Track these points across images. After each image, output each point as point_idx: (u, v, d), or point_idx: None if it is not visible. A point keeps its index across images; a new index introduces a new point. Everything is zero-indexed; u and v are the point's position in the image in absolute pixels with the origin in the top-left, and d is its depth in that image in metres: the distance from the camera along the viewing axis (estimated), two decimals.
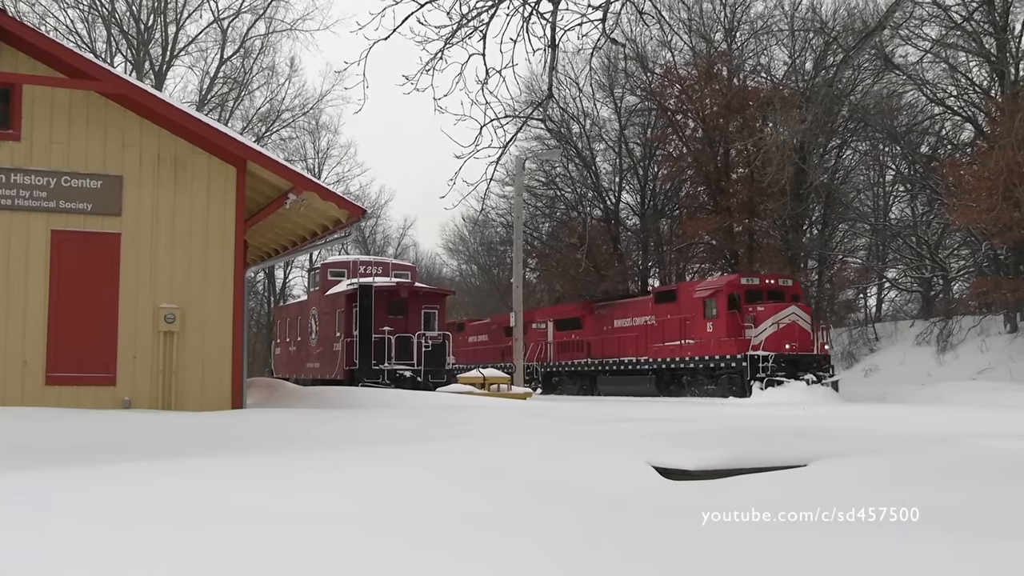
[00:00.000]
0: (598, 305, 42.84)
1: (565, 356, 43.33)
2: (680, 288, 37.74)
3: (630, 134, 54.30)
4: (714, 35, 49.61)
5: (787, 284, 35.17)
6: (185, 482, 6.79)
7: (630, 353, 38.71)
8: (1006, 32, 37.92)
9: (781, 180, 33.14)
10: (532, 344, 44.23)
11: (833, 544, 5.28)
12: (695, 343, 34.93)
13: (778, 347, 32.06)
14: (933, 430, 12.42)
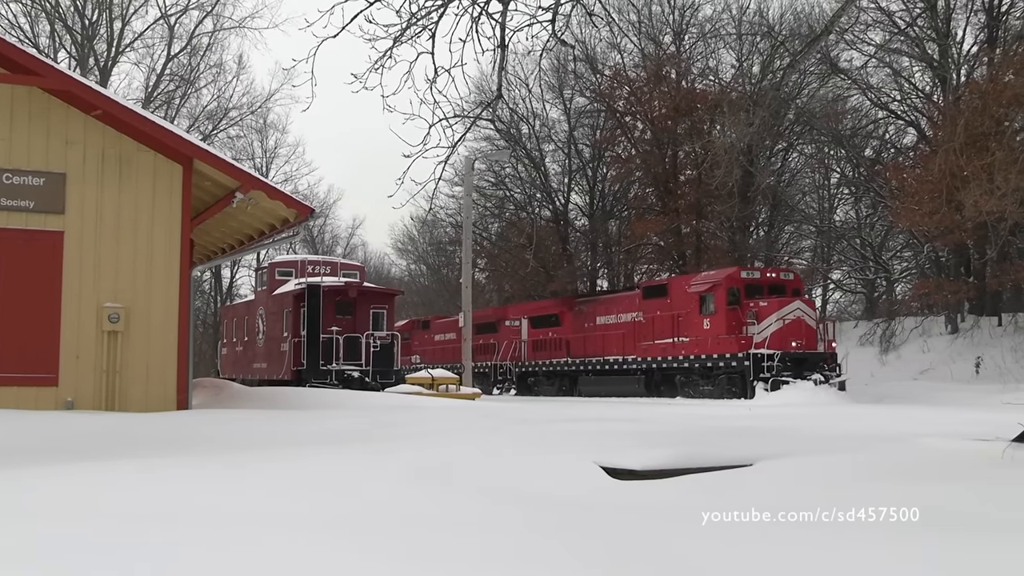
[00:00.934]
0: (579, 301, 40.68)
1: (542, 355, 41.18)
2: (672, 283, 35.53)
3: (579, 135, 54.53)
4: (663, 38, 49.97)
5: (788, 278, 33.23)
6: (132, 483, 6.70)
7: (615, 352, 36.52)
8: (948, 38, 38.55)
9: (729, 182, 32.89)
10: (505, 343, 43.10)
11: (781, 542, 5.33)
12: (690, 341, 32.75)
13: (783, 345, 29.95)
14: (883, 430, 12.59)
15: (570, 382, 39.29)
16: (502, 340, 43.42)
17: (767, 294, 31.59)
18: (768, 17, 47.46)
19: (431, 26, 10.02)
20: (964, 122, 19.57)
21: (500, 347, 43.37)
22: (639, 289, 36.99)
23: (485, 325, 44.49)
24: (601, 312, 37.98)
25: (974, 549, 5.07)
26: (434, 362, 45.34)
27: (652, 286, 36.27)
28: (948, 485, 7.16)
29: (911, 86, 41.70)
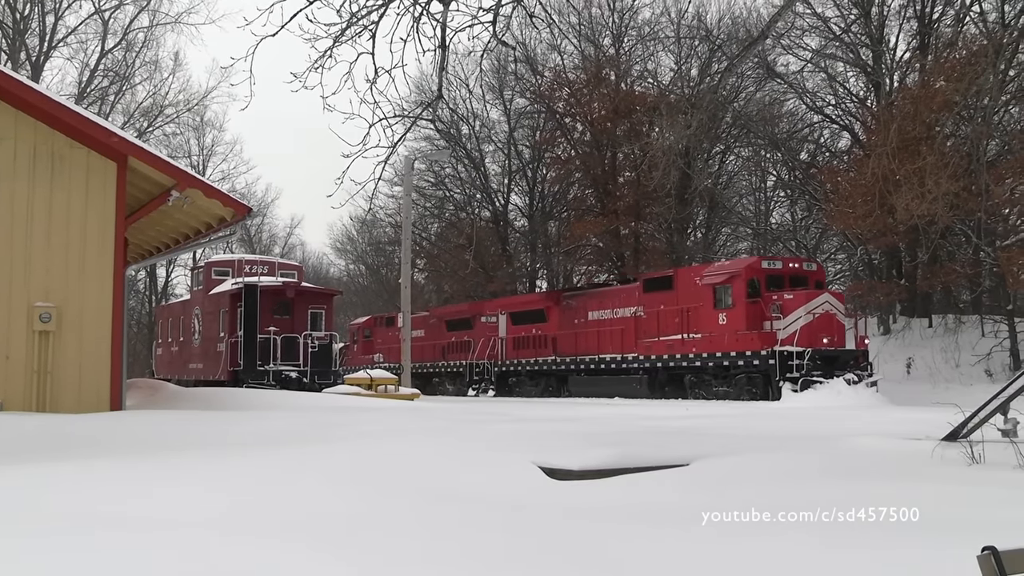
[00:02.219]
0: (567, 295, 37.99)
1: (525, 353, 38.48)
2: (679, 274, 32.46)
3: (519, 136, 54.61)
4: (602, 40, 50.22)
5: (811, 269, 30.66)
6: (65, 485, 6.59)
7: (611, 349, 33.87)
8: (882, 44, 39.23)
9: (667, 184, 32.22)
10: (482, 340, 40.65)
11: (699, 540, 5.39)
12: (702, 338, 29.99)
13: (813, 341, 27.44)
14: (815, 430, 12.77)
15: (557, 382, 36.93)
16: (478, 337, 41.09)
17: (788, 286, 29.16)
18: (706, 21, 47.95)
19: (371, 26, 9.98)
20: (896, 127, 19.91)
21: (476, 345, 41.09)
22: (639, 282, 34.25)
23: (459, 321, 43.05)
24: (594, 307, 35.50)
25: (880, 546, 5.16)
26: (400, 361, 44.27)
27: (655, 278, 33.45)
28: (881, 483, 7.28)
29: (845, 91, 42.39)
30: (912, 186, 16.92)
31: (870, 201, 28.35)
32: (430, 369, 44.22)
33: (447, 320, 44.08)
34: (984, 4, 35.75)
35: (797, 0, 23.44)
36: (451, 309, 46.35)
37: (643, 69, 49.94)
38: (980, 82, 19.32)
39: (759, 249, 46.95)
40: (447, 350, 43.31)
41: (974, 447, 8.48)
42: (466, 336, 42.10)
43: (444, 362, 43.21)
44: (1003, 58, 19.71)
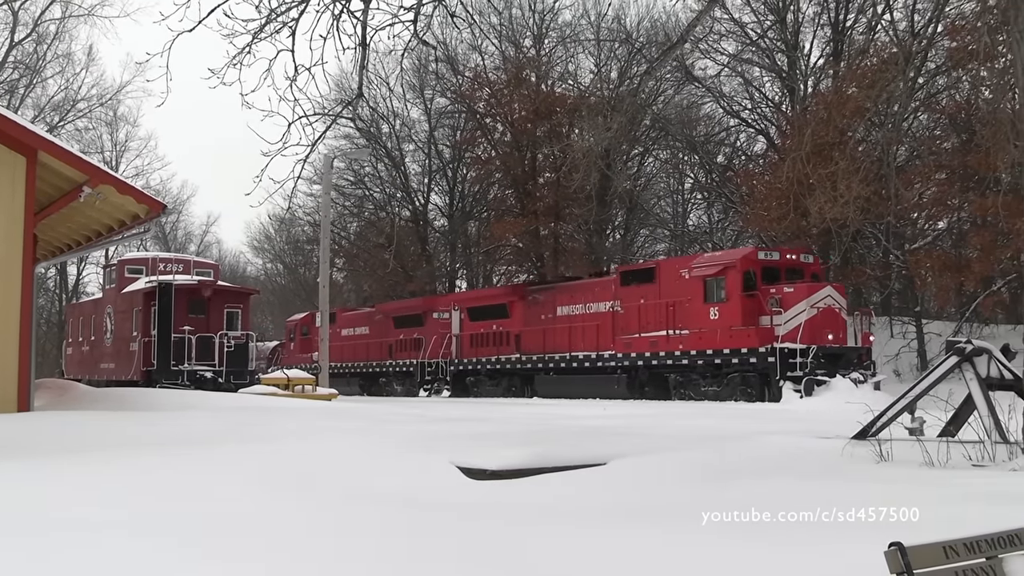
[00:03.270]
0: (533, 289, 35.82)
1: (485, 351, 36.22)
2: (661, 266, 30.52)
3: (440, 136, 54.52)
4: (523, 41, 50.38)
5: (808, 260, 28.66)
6: None
7: (584, 347, 31.78)
8: (797, 50, 39.98)
9: (587, 186, 32.17)
10: (435, 338, 38.43)
11: (585, 537, 5.44)
12: (690, 334, 28.01)
13: (817, 337, 25.66)
14: (729, 429, 12.96)
15: (521, 382, 34.81)
16: (430, 335, 38.85)
17: (784, 278, 27.29)
18: (626, 24, 48.40)
19: (291, 23, 9.89)
20: (810, 132, 20.29)
21: (428, 342, 38.87)
22: (615, 274, 32.28)
23: (408, 318, 41.11)
24: (563, 301, 33.45)
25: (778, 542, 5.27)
26: (342, 360, 42.68)
27: (634, 271, 31.61)
28: (795, 481, 7.43)
29: (761, 96, 43.12)
30: (825, 190, 17.26)
31: (785, 204, 28.88)
32: (376, 369, 42.50)
33: (395, 316, 42.00)
34: (895, 13, 36.65)
35: (715, 5, 23.77)
36: (399, 304, 44.48)
37: (564, 71, 50.24)
38: (890, 89, 19.78)
39: (676, 251, 47.49)
40: (395, 348, 41.27)
41: (882, 445, 8.69)
42: (416, 333, 40.04)
43: (391, 361, 41.27)
44: (912, 66, 20.17)
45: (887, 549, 3.62)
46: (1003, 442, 8.88)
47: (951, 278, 33.39)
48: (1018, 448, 8.50)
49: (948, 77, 33.78)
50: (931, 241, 36.66)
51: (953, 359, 9.73)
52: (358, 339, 44.02)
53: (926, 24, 33.26)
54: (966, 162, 31.71)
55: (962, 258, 34.48)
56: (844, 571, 4.66)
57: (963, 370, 9.61)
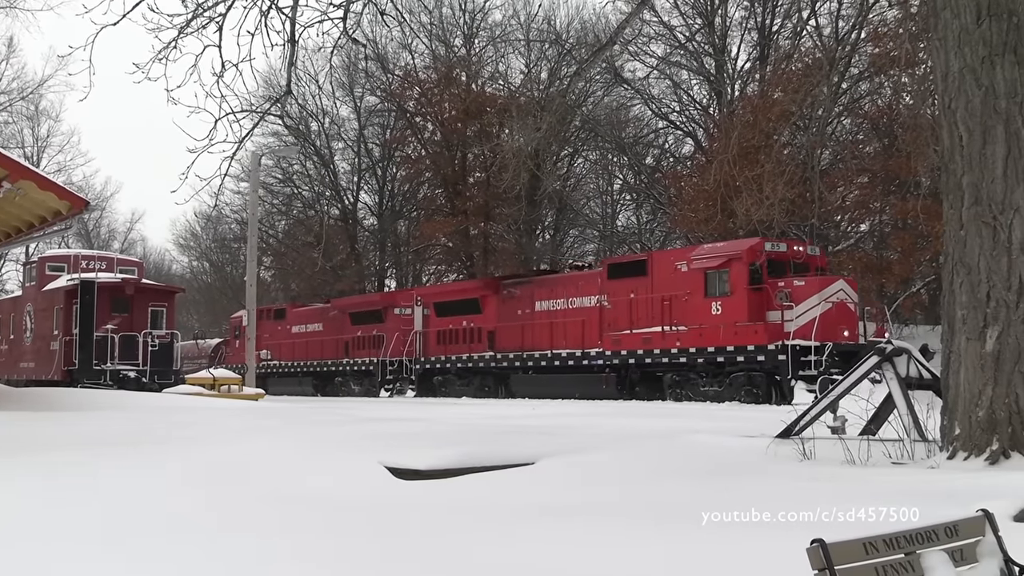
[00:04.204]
0: (508, 283, 33.79)
1: (455, 349, 34.29)
2: (655, 258, 28.75)
3: (369, 134, 54.28)
4: (453, 40, 50.35)
5: (815, 253, 27.02)
6: None
7: (567, 344, 30.06)
8: (724, 54, 40.49)
9: (516, 186, 31.67)
10: (397, 334, 36.59)
11: (534, 540, 5.46)
12: (689, 330, 26.28)
13: (832, 334, 23.97)
14: (655, 428, 13.07)
15: (495, 381, 32.99)
16: (391, 331, 37.03)
17: (790, 272, 25.68)
18: (555, 25, 48.59)
19: (218, 18, 9.78)
20: (737, 135, 20.58)
21: (389, 340, 37.02)
22: (602, 267, 30.55)
23: (366, 314, 39.40)
24: (543, 296, 31.59)
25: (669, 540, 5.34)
26: (293, 359, 41.37)
27: (623, 263, 29.67)
28: (723, 479, 7.52)
29: (690, 98, 43.59)
30: (751, 192, 17.52)
31: (712, 206, 29.21)
32: (331, 368, 40.54)
33: (352, 312, 40.10)
34: (820, 19, 37.31)
35: (644, 8, 24.00)
36: (357, 300, 42.96)
37: (494, 71, 50.31)
38: (815, 94, 20.16)
39: (605, 251, 47.77)
40: (352, 346, 39.41)
41: (805, 444, 8.83)
42: (376, 330, 38.15)
43: (348, 360, 39.49)
44: (836, 71, 20.58)
45: (809, 546, 3.68)
46: (922, 440, 9.09)
47: (872, 279, 34.08)
48: (936, 446, 8.71)
49: (871, 82, 34.52)
50: (854, 243, 37.38)
51: (874, 359, 9.93)
52: (311, 336, 42.01)
53: (850, 30, 34.06)
54: (888, 166, 32.40)
55: (883, 260, 35.22)
56: (769, 570, 4.72)
57: (883, 370, 9.82)
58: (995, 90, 8.33)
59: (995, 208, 8.26)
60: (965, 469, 7.86)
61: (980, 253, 8.30)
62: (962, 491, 6.29)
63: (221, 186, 11.34)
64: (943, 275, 8.87)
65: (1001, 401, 8.05)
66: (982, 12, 8.38)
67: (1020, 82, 8.28)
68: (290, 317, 43.69)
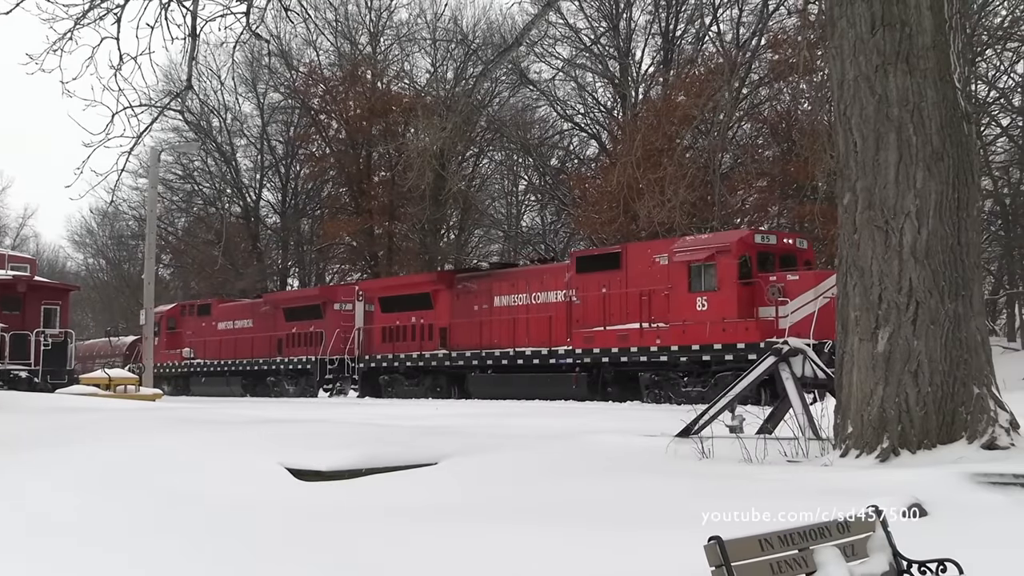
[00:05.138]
0: (464, 277, 32.03)
1: (403, 347, 32.20)
2: (629, 250, 26.74)
3: (273, 131, 53.63)
4: (359, 38, 49.97)
5: (803, 247, 25.65)
6: None
7: (531, 341, 28.35)
8: (628, 57, 40.94)
9: (421, 185, 30.88)
10: (337, 331, 34.76)
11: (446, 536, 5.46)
12: (671, 327, 24.78)
13: (829, 331, 21.46)
14: (559, 428, 13.16)
15: (448, 381, 31.14)
16: (331, 328, 35.12)
17: (779, 266, 24.28)
18: (462, 25, 48.58)
19: (116, 10, 9.57)
20: (640, 137, 20.84)
21: (328, 337, 35.10)
22: (570, 260, 28.93)
23: (302, 309, 36.98)
24: (503, 290, 29.74)
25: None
26: (220, 357, 39.34)
27: (594, 256, 27.88)
28: (627, 477, 7.60)
29: (594, 101, 43.97)
30: (654, 194, 17.74)
31: (615, 207, 29.54)
32: (263, 367, 38.14)
33: (286, 308, 37.77)
34: (722, 25, 38.00)
35: (550, 10, 24.21)
36: (292, 295, 41.07)
37: (400, 69, 50.10)
38: (716, 98, 20.52)
39: (510, 252, 47.89)
40: (286, 344, 37.12)
41: (704, 443, 8.98)
42: (314, 326, 35.95)
43: (282, 358, 37.16)
44: (737, 76, 20.99)
45: (707, 543, 3.75)
46: (816, 438, 9.32)
47: None
48: (830, 444, 8.93)
49: (770, 88, 35.26)
50: None
51: (771, 359, 10.15)
52: (240, 333, 39.50)
53: (750, 37, 34.75)
54: (786, 170, 33.10)
55: None
56: (667, 567, 4.79)
57: (780, 370, 10.04)
58: (888, 98, 8.57)
59: (887, 213, 8.50)
60: (857, 467, 8.07)
61: (873, 257, 8.54)
62: (854, 488, 6.46)
63: (118, 182, 11.11)
64: (837, 278, 9.10)
65: (891, 400, 8.29)
66: (876, 22, 8.62)
67: (912, 90, 8.53)
68: (216, 313, 41.47)
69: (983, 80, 29.80)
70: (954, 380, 8.30)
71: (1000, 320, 35.04)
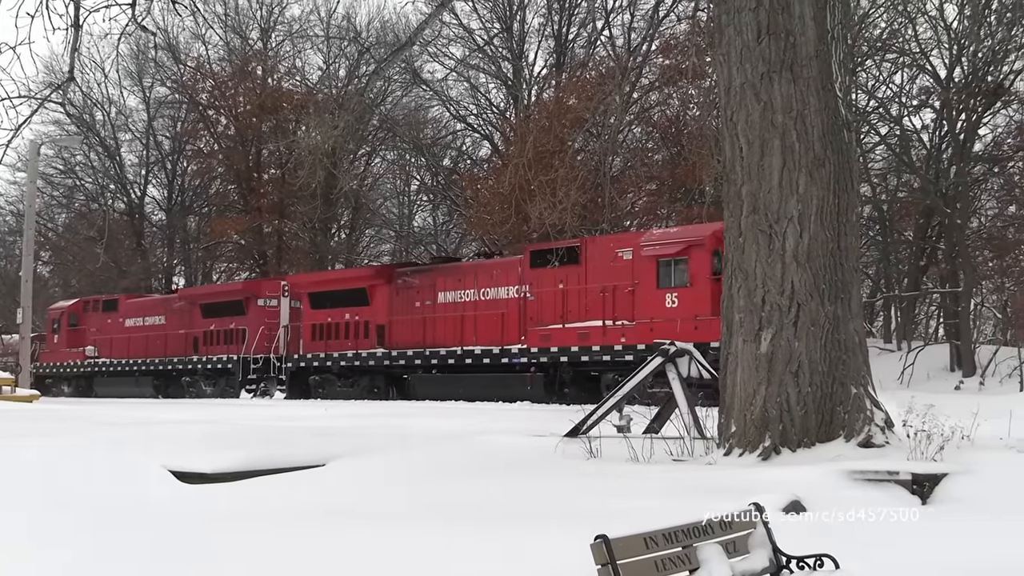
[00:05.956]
0: (404, 271, 30.07)
1: (336, 345, 30.34)
2: (589, 244, 25.39)
3: (159, 126, 52.35)
4: (250, 33, 49.18)
5: None
6: None
7: (480, 340, 26.82)
8: (522, 59, 41.12)
9: (312, 184, 29.90)
10: (261, 328, 32.75)
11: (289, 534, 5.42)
12: (638, 325, 23.55)
13: None
14: (453, 428, 13.16)
15: (388, 382, 29.51)
16: (255, 325, 32.98)
17: None
18: (355, 23, 48.17)
19: None
20: (532, 139, 20.97)
21: (252, 334, 32.99)
22: (523, 254, 26.97)
23: (222, 305, 34.60)
24: (448, 286, 28.08)
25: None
26: (129, 356, 36.90)
27: (551, 250, 25.34)
28: (517, 477, 7.63)
29: (487, 101, 44.04)
30: (545, 196, 17.85)
31: (507, 208, 29.68)
32: (177, 366, 35.82)
33: (203, 304, 35.49)
34: (614, 30, 38.45)
35: (444, 9, 24.14)
36: (210, 290, 38.92)
37: (291, 66, 49.44)
38: (608, 102, 20.72)
39: (401, 252, 47.67)
40: (203, 341, 34.92)
41: (592, 442, 9.08)
42: (235, 323, 33.76)
43: (199, 357, 34.89)
44: (628, 81, 21.20)
45: (593, 542, 3.78)
46: (701, 438, 9.50)
47: None
48: (714, 443, 9.10)
49: (660, 93, 35.79)
50: None
51: (658, 359, 10.31)
52: (151, 331, 36.97)
53: (641, 42, 35.21)
54: (675, 174, 33.62)
55: None
56: (553, 566, 4.82)
57: (667, 370, 10.20)
58: (773, 105, 8.78)
59: (771, 217, 8.71)
60: (740, 465, 8.26)
61: (757, 260, 8.74)
62: (736, 486, 6.60)
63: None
64: (723, 280, 9.29)
65: (773, 400, 8.49)
66: (762, 31, 8.82)
67: (796, 98, 8.75)
68: (124, 309, 38.88)
69: (863, 89, 30.70)
70: (833, 380, 8.54)
71: (877, 322, 36.15)
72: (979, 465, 7.40)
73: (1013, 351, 26.69)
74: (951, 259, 30.24)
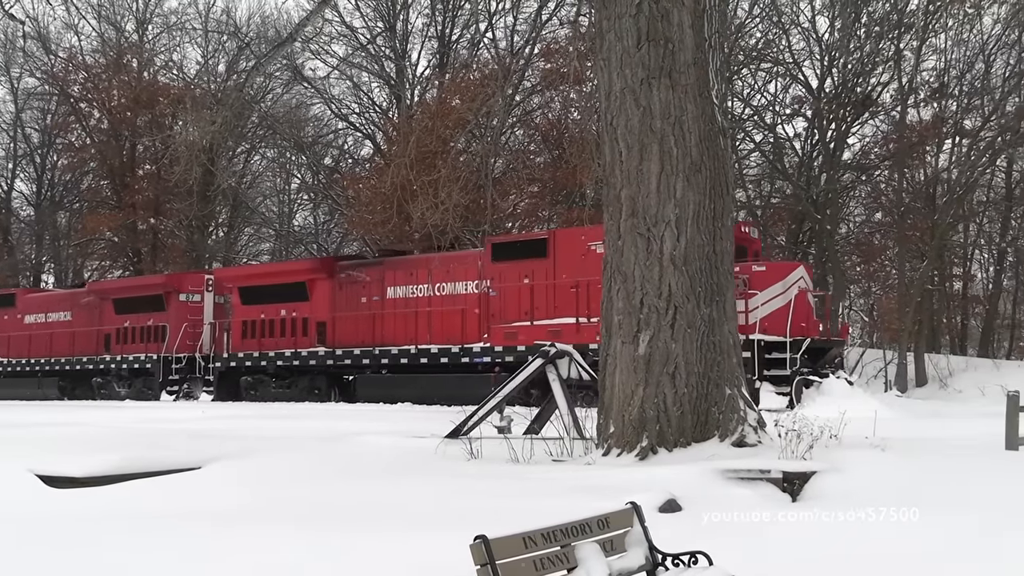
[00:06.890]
0: (348, 264, 28.04)
1: (270, 343, 28.28)
2: (559, 237, 24.00)
3: (28, 118, 50.60)
4: (125, 24, 47.90)
5: (754, 236, 23.64)
6: None
7: (435, 338, 25.16)
8: (405, 59, 40.96)
9: (189, 180, 28.69)
10: (184, 325, 30.66)
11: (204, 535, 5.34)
12: None
13: (804, 328, 20.58)
14: (335, 429, 13.04)
15: (330, 382, 27.66)
16: (176, 322, 30.73)
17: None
18: (235, 17, 47.32)
19: None
20: (415, 139, 20.92)
21: (173, 332, 30.78)
22: (484, 247, 25.33)
23: (138, 300, 31.98)
24: (397, 280, 26.30)
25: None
26: (29, 355, 34.39)
27: (515, 243, 24.75)
28: (399, 478, 7.60)
29: (370, 101, 43.74)
30: (427, 196, 17.86)
31: (389, 208, 29.52)
32: (86, 366, 33.19)
33: (116, 299, 32.86)
34: (497, 32, 38.60)
35: (326, 6, 23.89)
36: (124, 283, 36.17)
37: (168, 59, 48.31)
38: (490, 104, 20.83)
39: (282, 251, 47.03)
40: (116, 339, 32.48)
41: (472, 443, 9.11)
42: (153, 320, 31.36)
43: (112, 356, 32.35)
44: (510, 83, 21.37)
45: (472, 542, 3.81)
46: (580, 438, 9.61)
47: None
48: (593, 443, 9.22)
49: (542, 96, 36.09)
50: None
51: (538, 361, 10.40)
52: (56, 327, 34.51)
53: (524, 45, 35.47)
54: (556, 177, 33.94)
55: None
56: (433, 567, 4.83)
57: (547, 371, 10.30)
58: (652, 111, 8.94)
59: (649, 221, 8.87)
60: (618, 465, 8.38)
61: (635, 263, 8.89)
62: (614, 485, 6.71)
63: None
64: (603, 282, 9.42)
65: (651, 401, 8.65)
66: (642, 37, 8.97)
67: (674, 104, 8.93)
68: (22, 304, 36.08)
69: (739, 97, 31.52)
70: (708, 381, 8.74)
71: None
72: (846, 463, 7.67)
73: (879, 353, 27.69)
74: (821, 264, 31.23)
